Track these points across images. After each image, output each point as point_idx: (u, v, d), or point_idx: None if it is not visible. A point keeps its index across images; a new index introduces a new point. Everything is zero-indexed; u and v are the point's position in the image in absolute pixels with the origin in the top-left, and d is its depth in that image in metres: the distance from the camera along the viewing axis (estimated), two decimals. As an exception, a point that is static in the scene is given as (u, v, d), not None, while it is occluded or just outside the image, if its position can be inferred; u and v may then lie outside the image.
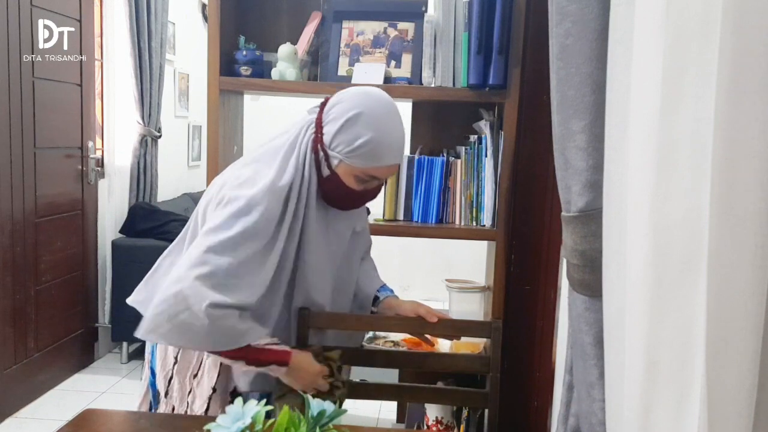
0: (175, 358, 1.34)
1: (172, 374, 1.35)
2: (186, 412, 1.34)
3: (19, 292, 2.66)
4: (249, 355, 1.20)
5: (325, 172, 1.25)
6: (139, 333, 1.18)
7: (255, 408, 0.77)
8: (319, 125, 1.24)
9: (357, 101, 1.21)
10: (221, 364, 1.31)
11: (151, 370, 1.40)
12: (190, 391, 1.34)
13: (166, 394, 1.35)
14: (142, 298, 1.37)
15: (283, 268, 1.27)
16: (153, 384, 1.39)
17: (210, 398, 1.32)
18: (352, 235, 1.42)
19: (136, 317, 1.22)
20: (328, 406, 0.81)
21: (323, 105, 1.26)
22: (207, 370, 1.33)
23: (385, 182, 1.91)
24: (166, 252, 1.41)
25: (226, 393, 1.34)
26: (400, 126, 1.26)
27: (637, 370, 0.71)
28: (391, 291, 1.53)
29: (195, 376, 1.34)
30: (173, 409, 1.35)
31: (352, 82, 1.87)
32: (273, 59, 1.92)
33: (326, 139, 1.22)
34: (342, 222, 1.37)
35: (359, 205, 1.40)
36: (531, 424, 1.88)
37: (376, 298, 1.49)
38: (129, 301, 1.39)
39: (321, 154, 1.24)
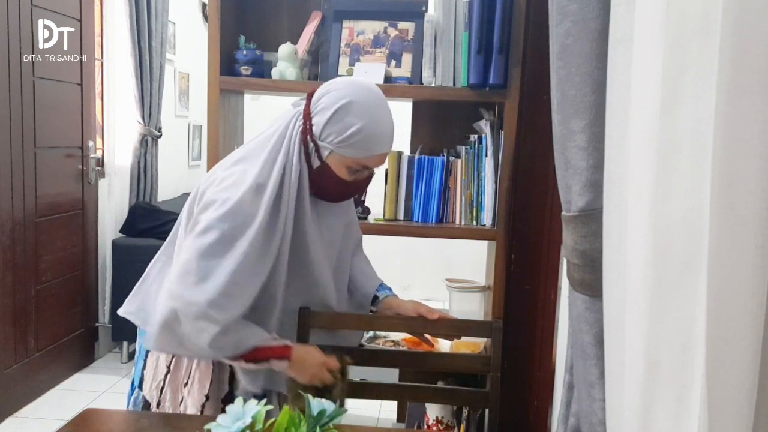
0: (168, 367, 1.33)
1: (164, 384, 1.33)
2: (158, 404, 1.34)
3: (20, 291, 2.66)
4: (246, 354, 1.20)
5: (316, 163, 1.23)
6: (151, 347, 1.25)
7: (255, 408, 0.77)
8: (307, 116, 1.22)
9: (346, 91, 1.20)
10: (212, 372, 1.31)
11: (132, 384, 1.38)
12: (181, 401, 1.33)
13: (158, 404, 1.33)
14: (134, 308, 1.36)
15: (280, 268, 1.26)
16: (131, 397, 1.37)
17: (203, 406, 1.31)
18: (344, 229, 1.42)
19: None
20: (329, 406, 0.81)
21: (310, 96, 1.25)
22: (198, 379, 1.32)
23: (385, 180, 1.92)
24: (154, 258, 1.39)
25: (219, 400, 1.33)
26: (390, 115, 1.26)
27: (638, 369, 0.71)
28: (390, 290, 1.53)
29: (186, 384, 1.32)
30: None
31: (353, 81, 1.87)
32: (273, 59, 1.92)
33: (316, 129, 1.21)
34: (333, 216, 1.36)
35: (350, 197, 1.38)
36: (531, 424, 1.88)
37: (375, 298, 1.49)
38: (121, 312, 1.38)
39: (311, 145, 1.22)
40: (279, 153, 1.22)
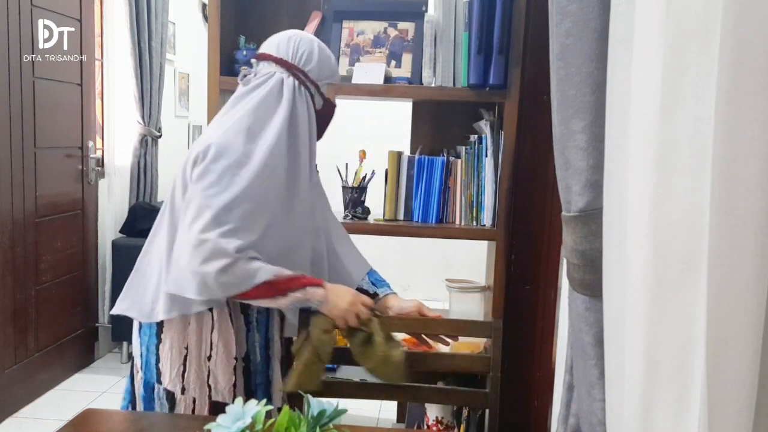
0: (186, 348, 1.31)
1: (185, 367, 1.31)
2: (210, 397, 1.31)
3: (20, 291, 2.66)
4: (281, 286, 1.22)
5: (319, 103, 1.36)
6: (191, 293, 1.21)
7: (255, 408, 0.77)
8: (297, 71, 1.32)
9: (307, 37, 1.36)
10: (234, 332, 1.31)
11: (130, 391, 1.36)
12: (209, 375, 1.31)
13: (183, 390, 1.31)
14: (127, 305, 1.35)
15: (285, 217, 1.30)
16: (145, 398, 1.34)
17: (235, 369, 1.31)
18: (323, 199, 1.50)
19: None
20: (328, 406, 0.81)
21: (278, 60, 1.32)
22: (223, 344, 1.30)
23: (385, 180, 1.92)
24: (143, 252, 1.37)
25: (241, 360, 1.34)
26: None
27: (638, 369, 0.71)
28: (389, 286, 1.53)
29: (209, 357, 1.31)
30: (194, 401, 1.31)
31: (353, 81, 1.87)
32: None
33: (313, 75, 1.33)
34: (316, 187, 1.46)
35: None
36: (531, 424, 1.88)
37: (375, 295, 1.49)
38: (114, 311, 1.36)
39: (312, 89, 1.34)
40: (278, 112, 1.29)
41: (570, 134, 0.88)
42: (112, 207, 3.36)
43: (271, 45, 1.35)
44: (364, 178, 1.96)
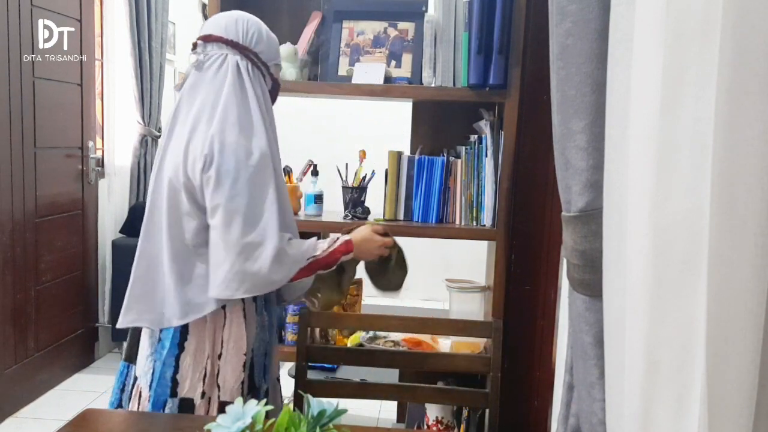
0: (212, 347, 1.30)
1: (206, 370, 1.29)
2: (219, 396, 1.30)
3: (20, 291, 2.66)
4: (320, 264, 1.32)
5: (269, 84, 1.38)
6: (242, 292, 1.24)
7: (255, 408, 0.77)
8: (249, 52, 1.31)
9: (253, 18, 1.36)
10: (244, 325, 1.31)
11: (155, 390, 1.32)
12: (218, 374, 1.30)
13: (203, 394, 1.29)
14: (135, 316, 1.30)
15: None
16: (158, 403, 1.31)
17: (244, 365, 1.31)
18: None
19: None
20: (328, 406, 0.81)
21: (229, 41, 1.30)
22: (234, 340, 1.30)
23: (385, 180, 1.91)
24: (138, 258, 1.32)
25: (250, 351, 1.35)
26: None
27: (638, 369, 0.71)
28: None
29: (220, 355, 1.30)
30: (209, 402, 1.30)
31: (353, 81, 1.87)
32: (273, 59, 1.92)
33: (264, 56, 1.34)
34: None
35: None
36: (531, 424, 1.88)
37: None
38: (122, 325, 1.31)
39: (263, 70, 1.35)
40: (249, 97, 1.30)
41: (570, 134, 0.88)
42: (112, 207, 3.37)
43: (218, 26, 1.31)
44: (364, 178, 1.96)
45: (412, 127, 2.18)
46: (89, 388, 2.93)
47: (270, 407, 0.78)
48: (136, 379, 1.35)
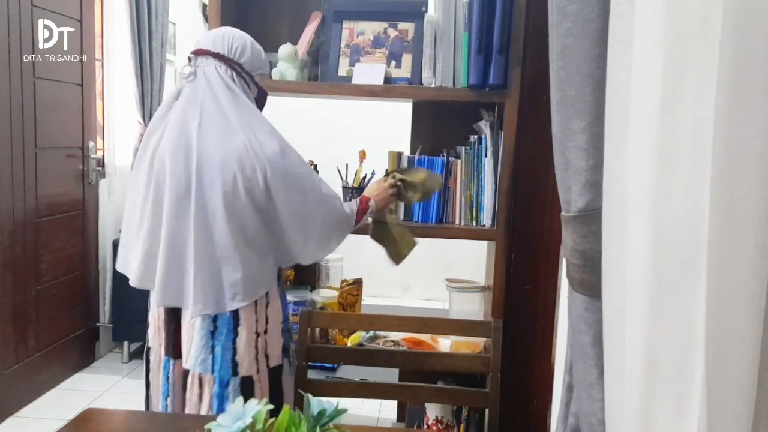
0: (263, 325, 1.46)
1: (257, 347, 1.45)
2: (267, 366, 1.48)
3: (20, 292, 2.66)
4: (357, 223, 1.60)
5: (254, 92, 1.53)
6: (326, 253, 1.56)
7: (255, 407, 0.77)
8: (234, 63, 1.46)
9: (238, 33, 1.51)
10: (279, 299, 1.52)
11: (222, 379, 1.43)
12: (266, 346, 1.47)
13: (258, 370, 1.46)
14: (202, 306, 1.39)
15: None
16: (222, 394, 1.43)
17: (282, 331, 1.52)
18: None
19: (136, 317, 1.22)
20: (328, 405, 0.81)
21: (216, 54, 1.44)
22: (274, 314, 1.48)
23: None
24: (171, 248, 1.39)
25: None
26: None
27: (637, 369, 0.71)
28: None
29: (265, 332, 1.47)
30: (257, 372, 1.45)
31: (353, 82, 1.87)
32: (273, 59, 1.92)
33: (247, 66, 1.48)
34: None
35: None
36: (531, 424, 1.88)
37: None
38: (196, 314, 1.40)
39: (247, 79, 1.49)
40: (246, 102, 1.45)
41: (570, 134, 0.88)
42: (112, 207, 3.37)
43: (207, 41, 1.47)
44: (364, 178, 1.97)
45: (412, 127, 2.18)
46: (90, 388, 2.93)
47: (271, 406, 0.79)
48: (185, 372, 1.44)
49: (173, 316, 1.45)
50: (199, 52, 1.45)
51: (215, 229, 1.37)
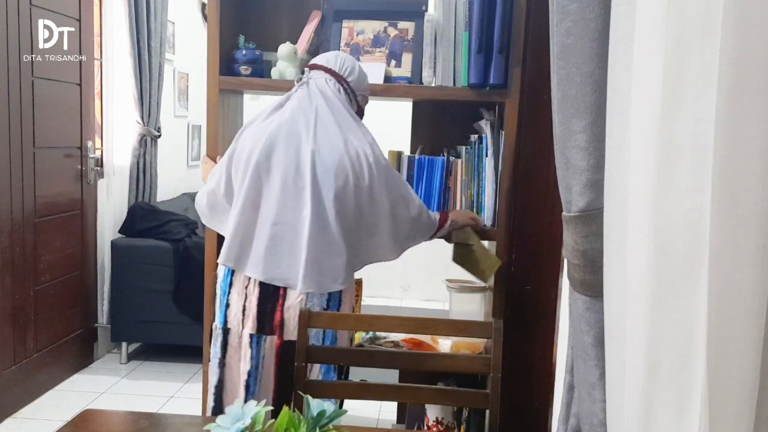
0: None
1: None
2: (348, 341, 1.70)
3: (19, 292, 2.66)
4: (435, 235, 1.79)
5: (354, 108, 1.67)
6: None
7: (255, 408, 0.77)
8: (342, 80, 1.63)
9: (349, 56, 1.69)
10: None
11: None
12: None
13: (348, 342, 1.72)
14: (316, 282, 1.55)
15: None
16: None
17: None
18: None
19: (135, 317, 1.21)
20: (328, 406, 0.81)
21: (328, 69, 1.63)
22: (353, 295, 1.70)
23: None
24: (293, 228, 1.55)
25: None
26: None
27: (638, 370, 0.71)
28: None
29: (353, 311, 1.72)
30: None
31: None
32: (273, 59, 1.92)
33: (353, 85, 1.65)
34: None
35: None
36: (532, 425, 1.87)
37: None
38: (309, 290, 1.55)
39: (351, 96, 1.66)
40: (352, 113, 1.64)
41: (570, 134, 0.87)
42: (111, 207, 3.36)
43: (321, 60, 1.66)
44: (363, 178, 1.96)
45: (412, 127, 2.18)
46: (88, 389, 2.92)
47: (270, 407, 0.78)
48: (280, 345, 1.58)
49: (271, 297, 1.57)
50: (313, 67, 1.65)
51: (328, 222, 1.56)
